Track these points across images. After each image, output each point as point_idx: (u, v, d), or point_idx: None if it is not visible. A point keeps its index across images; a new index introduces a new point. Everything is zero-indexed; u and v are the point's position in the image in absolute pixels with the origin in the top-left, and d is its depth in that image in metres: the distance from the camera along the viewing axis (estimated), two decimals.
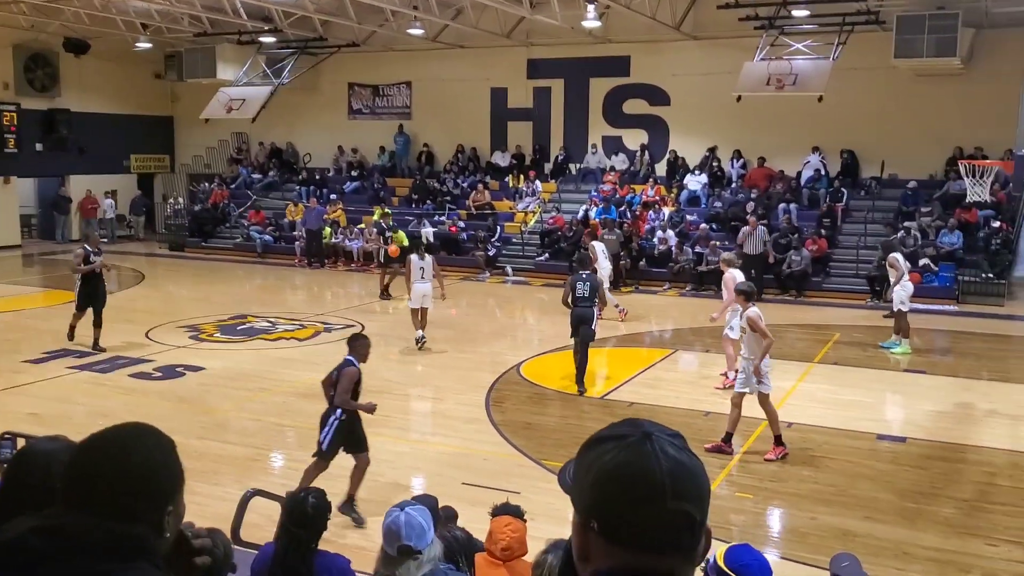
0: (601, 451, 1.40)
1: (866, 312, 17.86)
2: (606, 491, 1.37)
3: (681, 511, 1.36)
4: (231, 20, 23.46)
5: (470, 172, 26.16)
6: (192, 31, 25.50)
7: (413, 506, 3.68)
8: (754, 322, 9.23)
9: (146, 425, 1.78)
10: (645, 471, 1.35)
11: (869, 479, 8.63)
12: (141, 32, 25.85)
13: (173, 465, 1.76)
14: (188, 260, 25.21)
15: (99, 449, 1.72)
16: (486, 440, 9.71)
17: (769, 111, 21.92)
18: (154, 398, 11.21)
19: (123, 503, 1.66)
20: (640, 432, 1.40)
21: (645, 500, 1.35)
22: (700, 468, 1.40)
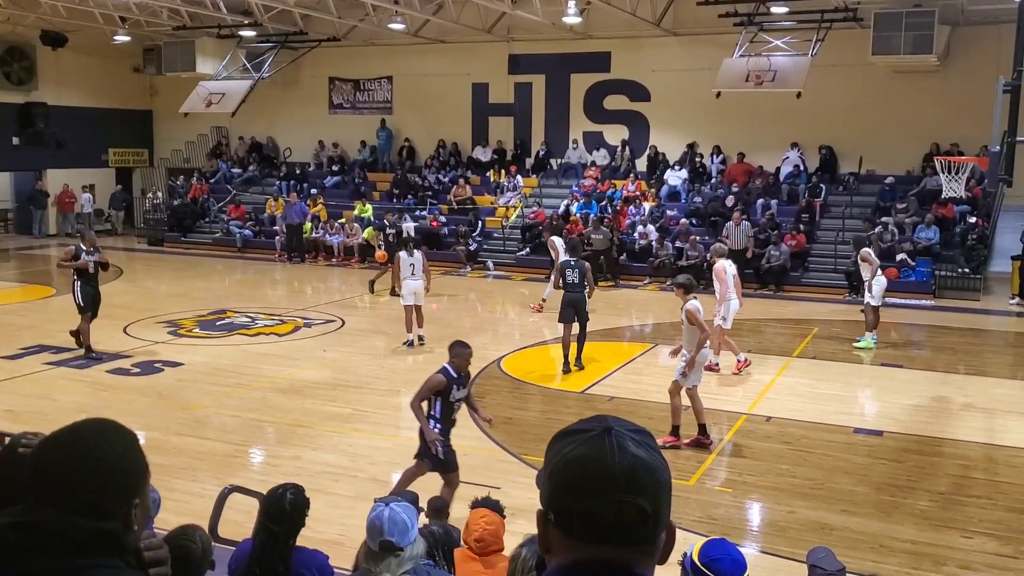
0: (563, 444, 1.44)
1: (844, 307, 17.98)
2: (561, 483, 1.41)
3: (633, 504, 1.37)
4: (210, 14, 23.29)
5: (451, 167, 26.14)
6: (171, 24, 25.31)
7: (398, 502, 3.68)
8: (692, 315, 9.32)
9: (108, 420, 1.79)
10: (599, 464, 1.38)
11: (846, 472, 8.71)
12: (119, 25, 25.59)
13: (136, 458, 1.77)
14: (167, 255, 25.05)
15: (62, 445, 1.72)
16: (466, 435, 9.68)
17: (748, 107, 22.03)
18: (132, 394, 11.15)
19: (89, 498, 1.67)
20: (601, 427, 1.43)
21: (596, 492, 1.37)
22: (659, 464, 1.42)
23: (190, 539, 3.08)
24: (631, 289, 20.12)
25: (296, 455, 9.01)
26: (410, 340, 13.61)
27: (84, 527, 1.62)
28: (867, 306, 14.12)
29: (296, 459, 8.88)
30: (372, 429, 9.98)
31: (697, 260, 20.05)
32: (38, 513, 1.64)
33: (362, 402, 10.94)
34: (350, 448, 9.22)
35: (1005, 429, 10.32)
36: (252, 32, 25.40)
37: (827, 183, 21.89)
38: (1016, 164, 12.65)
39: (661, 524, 1.42)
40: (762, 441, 9.69)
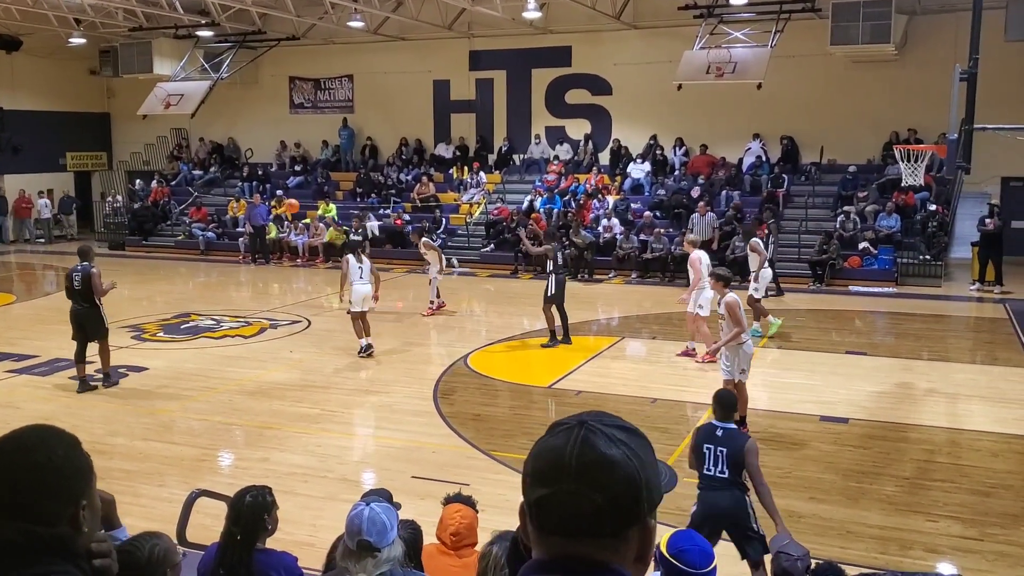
0: (543, 437, 1.46)
1: (808, 296, 18.18)
2: (527, 472, 1.44)
3: (584, 495, 1.37)
4: (167, 14, 23.00)
5: (414, 165, 26.05)
6: (127, 26, 24.95)
7: (379, 503, 3.66)
8: (733, 309, 9.23)
9: (48, 425, 1.78)
10: (556, 455, 1.40)
11: (814, 460, 8.80)
12: (74, 27, 25.19)
13: (79, 460, 1.76)
14: (129, 259, 24.71)
15: (4, 452, 1.71)
16: (435, 433, 9.69)
17: (710, 99, 22.18)
18: (96, 400, 10.98)
19: (35, 504, 1.65)
20: (576, 420, 1.44)
21: (548, 481, 1.39)
22: (624, 460, 1.39)
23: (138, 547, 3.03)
24: (595, 283, 20.18)
25: (264, 457, 8.93)
26: (365, 344, 12.98)
27: (32, 533, 1.61)
28: (750, 297, 13.93)
29: (264, 461, 8.80)
30: (340, 429, 9.92)
31: (662, 252, 20.18)
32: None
33: (330, 402, 10.87)
34: (319, 449, 9.15)
35: (968, 413, 10.49)
36: (210, 32, 25.12)
37: (789, 173, 22.11)
38: (974, 151, 12.85)
39: (624, 520, 1.40)
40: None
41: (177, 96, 25.57)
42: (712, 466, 6.06)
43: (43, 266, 24.00)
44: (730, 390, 7.15)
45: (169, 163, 29.45)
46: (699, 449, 6.10)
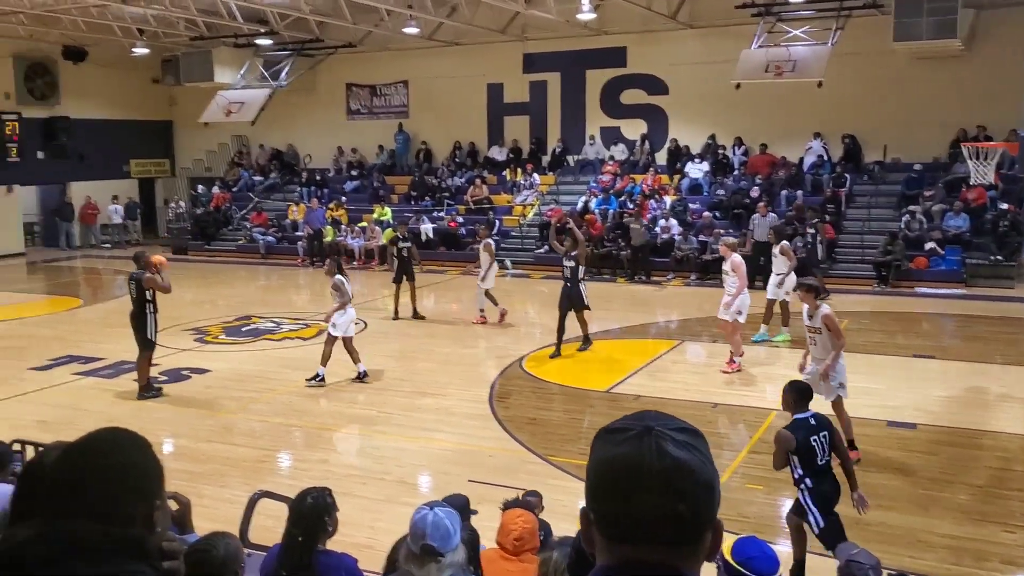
0: (603, 443, 1.42)
1: (872, 298, 17.77)
2: (597, 484, 1.39)
3: (669, 508, 1.34)
4: (227, 23, 23.40)
5: (467, 168, 26.14)
6: (188, 35, 25.45)
7: (443, 507, 3.65)
8: (831, 321, 8.55)
9: (121, 428, 1.81)
10: (634, 466, 1.35)
11: (880, 467, 8.56)
12: (138, 38, 25.79)
13: (152, 462, 1.79)
14: (192, 263, 25.17)
15: (80, 455, 1.75)
16: (491, 436, 9.66)
17: (769, 98, 21.84)
18: (160, 402, 11.17)
19: (110, 505, 1.68)
20: (641, 426, 1.40)
21: (631, 495, 1.35)
22: (700, 466, 1.38)
23: (212, 545, 3.06)
24: (654, 285, 19.98)
25: (323, 458, 8.99)
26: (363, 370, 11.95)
27: (108, 534, 1.64)
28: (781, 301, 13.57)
29: (323, 463, 8.86)
30: (397, 431, 9.94)
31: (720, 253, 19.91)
32: (61, 523, 1.65)
33: (386, 404, 10.91)
34: (376, 451, 9.19)
35: None
36: (269, 41, 25.50)
37: (851, 172, 21.66)
38: None
39: (703, 525, 1.39)
40: None
41: (238, 104, 26.00)
42: (822, 456, 6.09)
43: (110, 271, 24.55)
44: (803, 382, 6.89)
45: (230, 169, 29.97)
46: (807, 444, 6.05)
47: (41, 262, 26.12)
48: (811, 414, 6.27)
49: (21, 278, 23.75)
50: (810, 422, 6.19)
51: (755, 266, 19.21)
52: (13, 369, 12.94)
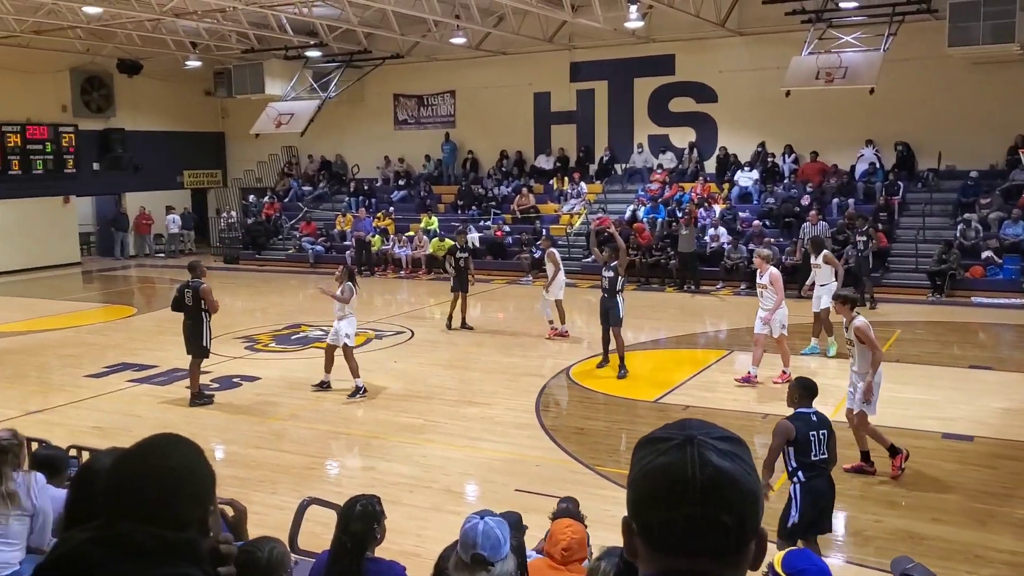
0: (645, 453, 1.40)
1: (927, 307, 17.42)
2: (640, 494, 1.38)
3: (714, 518, 1.33)
4: (278, 36, 23.78)
5: (514, 177, 26.19)
6: (240, 48, 25.90)
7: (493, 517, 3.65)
8: (864, 333, 8.37)
9: (174, 434, 1.84)
10: (676, 476, 1.34)
11: (935, 480, 8.37)
12: (191, 51, 26.32)
13: (205, 468, 1.82)
14: (243, 272, 25.55)
15: (136, 459, 1.78)
16: (538, 446, 9.63)
17: (820, 105, 21.57)
18: (212, 408, 11.33)
19: (165, 509, 1.71)
20: (683, 435, 1.38)
21: (675, 506, 1.33)
22: (744, 476, 1.36)
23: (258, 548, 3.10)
24: (703, 294, 19.81)
25: (371, 466, 9.04)
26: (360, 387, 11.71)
27: (163, 537, 1.67)
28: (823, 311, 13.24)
29: (371, 470, 8.90)
30: (444, 440, 9.96)
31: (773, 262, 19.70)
32: (117, 527, 1.68)
33: (433, 413, 10.94)
34: (423, 459, 9.21)
35: None
36: (318, 52, 25.85)
37: (905, 180, 21.29)
38: None
39: (748, 535, 1.36)
40: (844, 448, 9.34)
41: (288, 115, 26.37)
42: (818, 452, 6.15)
43: (163, 280, 24.98)
44: (807, 377, 6.90)
45: (280, 179, 30.39)
46: (805, 438, 6.14)
47: (96, 271, 26.70)
48: (814, 411, 6.40)
49: (77, 287, 24.30)
50: (812, 418, 6.33)
51: (806, 274, 18.98)
52: (70, 376, 13.23)
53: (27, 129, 25.67)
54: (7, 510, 4.52)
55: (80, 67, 27.18)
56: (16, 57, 24.77)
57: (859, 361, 8.55)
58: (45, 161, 26.18)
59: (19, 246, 25.40)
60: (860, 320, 8.52)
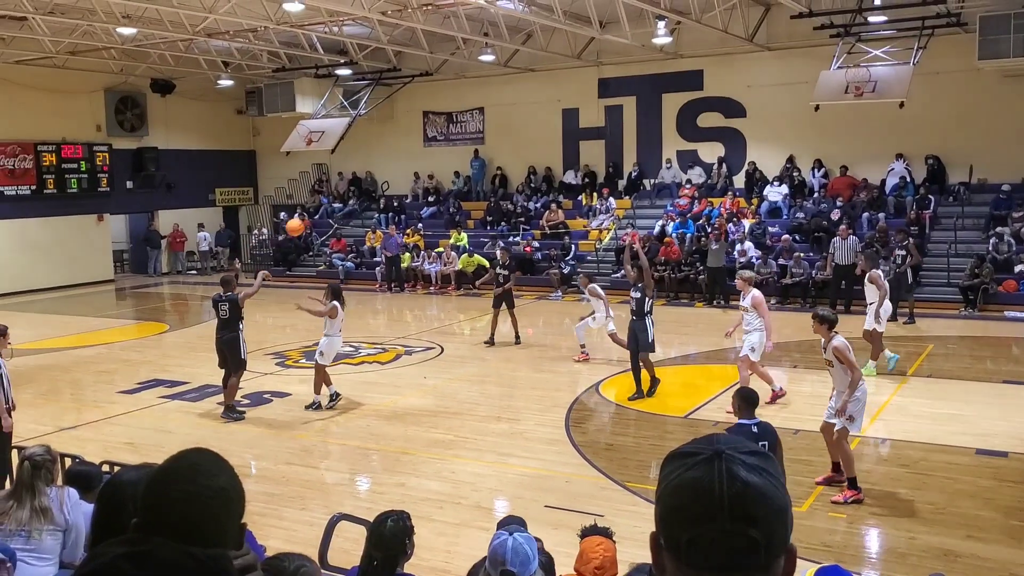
0: (672, 468, 1.39)
1: (960, 322, 17.22)
2: (668, 509, 1.37)
3: (741, 534, 1.31)
4: (308, 55, 24.05)
5: (543, 192, 26.25)
6: (271, 67, 26.23)
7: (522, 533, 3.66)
8: (842, 354, 8.28)
9: (205, 449, 1.86)
10: (704, 491, 1.33)
11: (970, 496, 8.26)
12: (222, 70, 26.71)
13: (235, 484, 1.83)
14: (273, 289, 25.73)
15: (168, 475, 1.79)
16: (567, 462, 9.62)
17: (849, 119, 21.45)
18: (243, 424, 11.43)
19: (196, 524, 1.72)
20: (711, 450, 1.37)
21: (700, 520, 1.32)
22: (773, 490, 1.35)
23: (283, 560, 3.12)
24: (732, 309, 19.68)
25: (401, 482, 9.07)
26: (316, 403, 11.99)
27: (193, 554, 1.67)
28: (872, 331, 13.11)
29: (401, 486, 8.93)
30: (473, 456, 9.97)
31: (802, 277, 19.60)
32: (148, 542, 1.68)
33: (463, 428, 10.97)
34: (452, 475, 9.23)
35: None
36: (348, 71, 26.11)
37: (936, 194, 21.09)
38: None
39: (776, 551, 1.35)
40: (878, 464, 9.31)
41: (318, 133, 26.63)
42: None
43: (195, 296, 25.26)
44: (751, 389, 7.02)
45: (311, 196, 30.68)
46: None
47: (129, 289, 27.04)
48: (755, 422, 6.41)
49: (111, 304, 24.62)
50: (752, 430, 6.31)
51: (836, 289, 18.87)
52: (103, 392, 13.40)
53: (62, 148, 26.12)
54: (40, 525, 4.58)
55: (114, 87, 27.65)
56: (52, 78, 25.26)
57: (838, 380, 8.48)
58: (80, 180, 26.61)
59: (54, 263, 25.81)
60: (839, 340, 8.39)
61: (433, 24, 20.77)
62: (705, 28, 20.47)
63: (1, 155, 24.78)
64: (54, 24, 20.25)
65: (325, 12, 19.17)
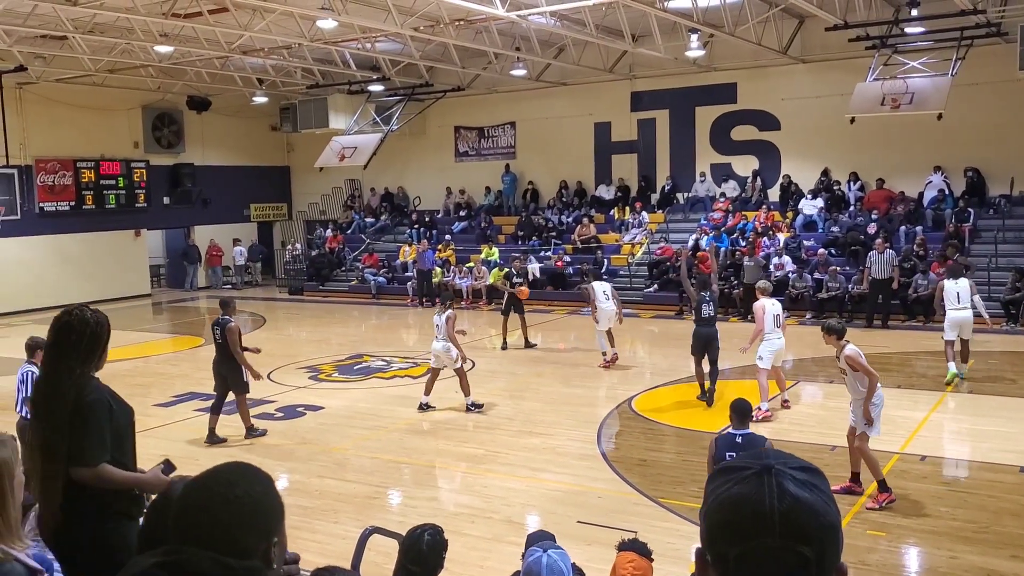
0: (718, 483, 1.36)
1: (1001, 337, 16.89)
2: (716, 525, 1.33)
3: (790, 549, 1.28)
4: (341, 71, 24.26)
5: (575, 207, 26.20)
6: (305, 83, 26.50)
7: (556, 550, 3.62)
8: (855, 361, 8.43)
9: (246, 463, 1.86)
10: (754, 507, 1.29)
11: (1014, 515, 8.06)
12: (257, 87, 27.02)
13: (274, 499, 1.83)
14: (307, 303, 25.93)
15: (205, 487, 1.80)
16: (600, 477, 9.53)
17: (886, 131, 21.22)
18: (276, 438, 11.46)
19: (232, 537, 1.73)
20: (759, 465, 1.34)
21: (751, 536, 1.29)
22: (823, 505, 1.32)
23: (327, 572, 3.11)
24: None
25: (432, 496, 9.03)
26: (423, 403, 12.32)
27: (228, 565, 1.68)
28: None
29: (433, 500, 8.90)
30: (505, 470, 9.91)
31: (838, 291, 19.35)
32: (183, 552, 1.70)
33: (494, 443, 10.91)
34: (484, 489, 9.17)
35: None
36: (381, 87, 26.31)
37: (975, 207, 20.76)
38: None
39: (827, 568, 1.31)
40: (917, 482, 9.11)
41: (351, 148, 26.82)
42: None
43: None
44: (744, 399, 7.10)
45: (343, 212, 30.88)
46: (722, 458, 6.17)
47: (166, 303, 27.35)
48: (743, 432, 6.60)
49: (147, 318, 24.90)
50: (736, 440, 6.50)
51: (873, 304, 18.60)
52: (139, 405, 13.35)
53: (101, 165, 26.53)
54: None
55: (152, 104, 28.06)
56: (91, 96, 25.69)
57: (853, 388, 8.56)
58: (117, 195, 26.99)
59: (92, 278, 26.16)
60: (850, 348, 8.52)
61: (465, 39, 20.86)
62: (738, 41, 20.36)
63: (41, 172, 25.21)
64: (93, 43, 20.60)
65: (358, 29, 19.33)
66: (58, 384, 3.86)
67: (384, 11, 17.50)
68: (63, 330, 3.92)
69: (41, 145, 25.15)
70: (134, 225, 27.87)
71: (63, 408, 3.79)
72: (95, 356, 3.99)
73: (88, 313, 3.99)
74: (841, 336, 8.66)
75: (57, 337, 3.92)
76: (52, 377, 3.92)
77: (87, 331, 3.93)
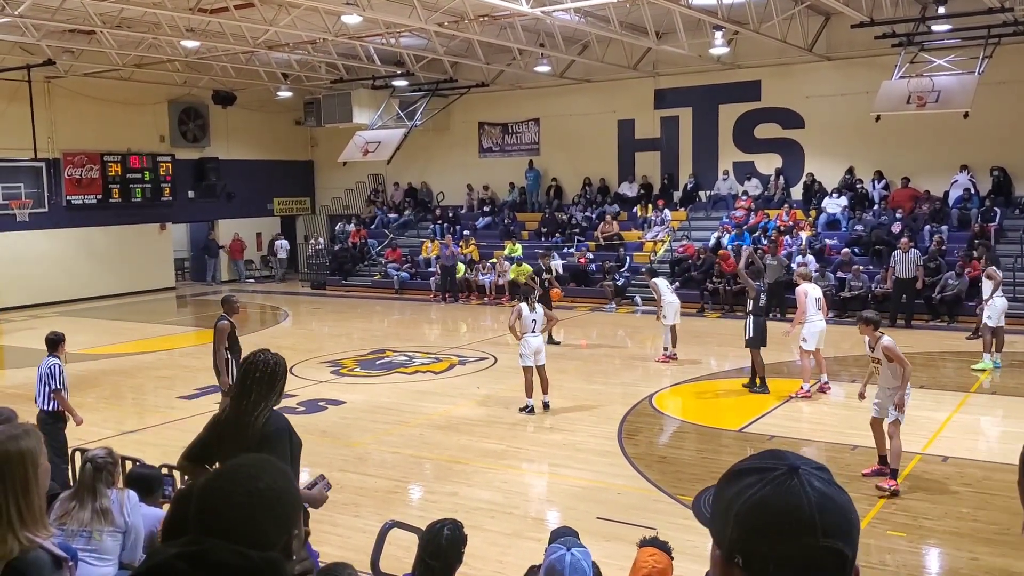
0: (744, 484, 1.36)
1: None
2: (751, 527, 1.33)
3: (831, 548, 1.31)
4: (365, 66, 24.36)
5: (597, 204, 26.18)
6: (329, 78, 26.62)
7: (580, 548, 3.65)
8: (891, 351, 8.75)
9: (266, 456, 1.91)
10: (793, 507, 1.31)
11: None
12: (282, 81, 27.17)
13: (294, 491, 1.88)
14: (329, 298, 26.07)
15: (228, 478, 1.82)
16: (620, 474, 9.55)
17: (911, 130, 21.04)
18: (298, 431, 11.51)
19: (254, 528, 1.75)
20: (786, 465, 1.36)
21: (793, 536, 1.30)
22: (849, 503, 1.35)
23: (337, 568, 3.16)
24: (789, 322, 19.38)
25: (453, 491, 9.09)
26: (529, 406, 12.00)
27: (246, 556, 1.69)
28: (984, 326, 14.10)
29: (453, 495, 8.95)
30: (526, 466, 9.96)
31: (862, 291, 19.23)
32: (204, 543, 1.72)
33: (515, 439, 10.96)
34: (505, 485, 9.22)
35: None
36: (405, 82, 26.37)
37: (1001, 206, 20.56)
38: None
39: (852, 564, 1.35)
40: (939, 483, 9.07)
41: (375, 143, 26.93)
42: None
43: (254, 304, 25.62)
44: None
45: (367, 207, 31.01)
46: None
47: (190, 296, 27.58)
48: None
49: (171, 311, 25.14)
50: None
51: (896, 303, 18.47)
52: (164, 397, 13.67)
53: (128, 159, 26.78)
54: (101, 526, 4.67)
55: (178, 99, 28.30)
56: (118, 90, 25.93)
57: (888, 377, 8.83)
58: (144, 189, 27.25)
59: (117, 271, 26.45)
60: (887, 339, 8.88)
61: (489, 35, 20.89)
62: (763, 38, 20.26)
63: (69, 165, 25.49)
64: (121, 37, 20.80)
65: (383, 24, 19.40)
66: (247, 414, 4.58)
67: (409, 6, 17.56)
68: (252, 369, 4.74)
69: (68, 139, 25.43)
70: (159, 219, 28.13)
71: (250, 437, 4.46)
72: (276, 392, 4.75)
73: (269, 355, 4.86)
74: (877, 327, 9.02)
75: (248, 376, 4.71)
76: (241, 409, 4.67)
77: (268, 371, 4.76)
